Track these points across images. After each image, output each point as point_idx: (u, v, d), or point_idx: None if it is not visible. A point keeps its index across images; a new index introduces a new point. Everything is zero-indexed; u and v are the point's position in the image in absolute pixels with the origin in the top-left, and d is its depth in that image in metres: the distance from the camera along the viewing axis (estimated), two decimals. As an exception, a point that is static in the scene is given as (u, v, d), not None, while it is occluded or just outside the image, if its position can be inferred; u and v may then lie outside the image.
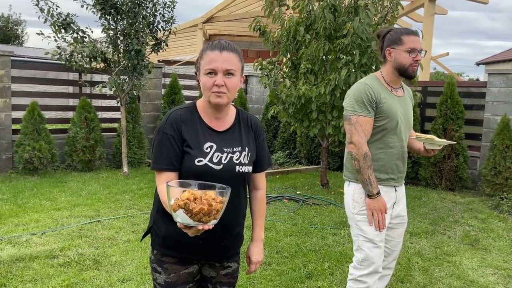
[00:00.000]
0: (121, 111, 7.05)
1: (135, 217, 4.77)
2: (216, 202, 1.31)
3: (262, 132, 1.80)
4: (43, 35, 6.12)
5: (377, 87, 2.32)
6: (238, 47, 1.64)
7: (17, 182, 6.19)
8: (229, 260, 1.78)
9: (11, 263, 3.42)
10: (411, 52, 2.24)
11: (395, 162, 2.34)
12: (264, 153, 1.81)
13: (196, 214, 1.29)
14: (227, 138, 1.68)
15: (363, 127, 2.26)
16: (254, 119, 1.80)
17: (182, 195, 1.30)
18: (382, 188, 2.32)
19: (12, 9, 51.11)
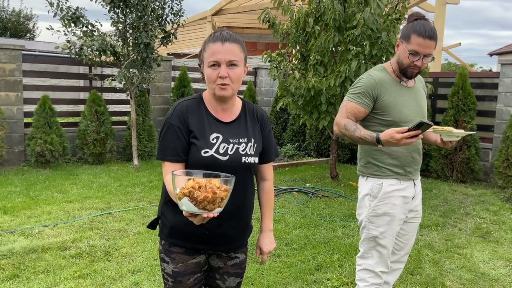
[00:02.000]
0: (131, 104, 7.09)
1: (145, 209, 4.81)
2: (220, 190, 1.32)
3: (268, 124, 1.79)
4: (53, 30, 6.15)
5: (382, 79, 2.27)
6: (240, 38, 1.63)
7: (30, 175, 6.28)
8: (236, 251, 1.77)
9: (24, 254, 3.47)
10: (412, 54, 2.17)
11: (411, 155, 2.29)
12: (271, 144, 1.80)
13: (200, 202, 1.30)
14: (233, 129, 1.67)
15: (349, 111, 2.25)
16: (260, 110, 1.79)
17: (187, 184, 1.31)
18: (401, 183, 2.28)
19: (23, 3, 51.38)
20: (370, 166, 2.32)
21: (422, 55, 2.17)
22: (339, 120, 2.27)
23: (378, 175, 2.29)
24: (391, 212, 2.27)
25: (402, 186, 2.29)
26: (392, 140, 1.99)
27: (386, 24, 5.40)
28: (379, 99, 2.25)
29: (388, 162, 2.27)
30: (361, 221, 2.38)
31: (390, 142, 2.01)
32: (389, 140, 2.01)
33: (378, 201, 2.27)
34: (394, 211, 2.27)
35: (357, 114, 2.25)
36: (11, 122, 6.86)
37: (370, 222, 2.31)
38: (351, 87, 2.33)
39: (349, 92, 2.31)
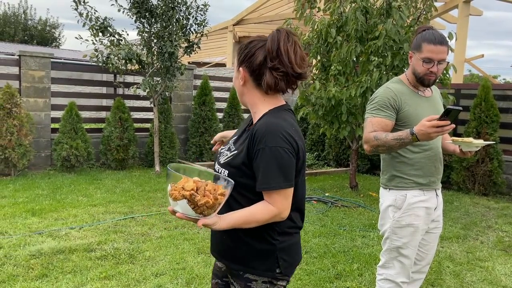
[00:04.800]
0: (154, 111, 7.25)
1: (167, 214, 4.90)
2: (219, 195, 1.28)
3: (258, 143, 1.43)
4: (82, 39, 6.37)
5: (401, 90, 2.30)
6: (247, 41, 1.55)
7: (56, 178, 6.46)
8: (233, 278, 1.57)
9: (52, 255, 3.59)
10: (426, 62, 2.20)
11: (434, 164, 2.31)
12: (256, 169, 1.43)
13: (200, 206, 1.25)
14: (242, 137, 1.58)
15: (375, 126, 2.24)
16: (258, 125, 1.47)
17: (187, 185, 1.25)
18: (425, 194, 2.30)
19: (50, 12, 53.01)
20: (393, 178, 2.33)
21: (436, 61, 2.20)
22: (367, 136, 2.25)
23: (402, 186, 2.31)
24: (415, 223, 2.29)
25: (425, 197, 2.31)
26: (423, 128, 1.96)
27: (408, 35, 5.42)
28: (401, 110, 2.28)
29: (411, 173, 2.29)
30: (383, 231, 2.40)
31: (422, 131, 1.98)
32: (421, 129, 1.98)
33: (402, 213, 2.29)
34: (417, 222, 2.29)
35: (385, 128, 2.24)
36: (38, 128, 7.09)
37: (394, 233, 2.33)
38: (370, 103, 2.32)
39: (370, 109, 2.31)
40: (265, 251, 1.51)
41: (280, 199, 1.43)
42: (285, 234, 1.53)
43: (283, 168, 1.42)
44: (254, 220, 1.43)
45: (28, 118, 6.63)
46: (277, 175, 1.41)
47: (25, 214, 4.64)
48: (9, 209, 4.79)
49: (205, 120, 8.30)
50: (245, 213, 1.43)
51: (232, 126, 8.75)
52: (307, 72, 1.53)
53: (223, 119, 8.82)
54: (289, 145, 1.43)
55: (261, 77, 1.50)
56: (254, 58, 1.50)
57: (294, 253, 1.56)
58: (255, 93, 1.55)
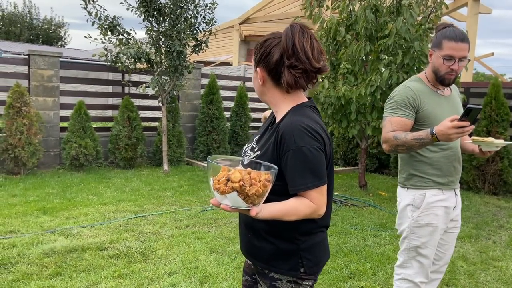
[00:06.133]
0: (162, 110, 7.25)
1: (177, 213, 4.90)
2: (267, 182, 1.24)
3: (286, 145, 1.39)
4: (91, 38, 6.38)
5: (420, 89, 2.27)
6: (262, 40, 1.53)
7: (65, 177, 6.48)
8: (260, 277, 1.57)
9: (65, 253, 3.60)
10: (446, 59, 2.17)
11: (453, 164, 2.29)
12: (289, 172, 1.40)
13: (250, 196, 1.21)
14: (265, 136, 1.56)
15: (394, 126, 2.22)
16: (283, 126, 1.43)
17: (234, 176, 1.21)
18: (444, 193, 2.28)
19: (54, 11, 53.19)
20: (412, 177, 2.31)
21: (457, 59, 2.17)
22: (386, 135, 2.22)
23: (420, 185, 2.29)
24: (434, 223, 2.27)
25: (444, 196, 2.29)
26: (444, 128, 1.94)
27: (418, 33, 5.39)
28: (420, 109, 2.25)
29: (430, 173, 2.27)
30: (401, 231, 2.38)
31: (442, 132, 1.96)
32: (441, 130, 1.96)
33: (421, 212, 2.27)
34: (436, 222, 2.27)
35: (404, 127, 2.22)
36: (47, 127, 7.11)
37: (412, 232, 2.31)
38: (389, 102, 2.30)
39: (389, 108, 2.29)
40: (288, 251, 1.50)
41: (317, 196, 1.41)
42: (308, 234, 1.51)
43: (316, 166, 1.40)
44: (295, 213, 1.39)
45: (37, 117, 6.65)
46: (311, 175, 1.39)
47: (37, 212, 4.65)
48: (21, 207, 4.80)
49: (212, 119, 8.30)
50: (287, 205, 1.40)
51: (240, 125, 8.74)
52: (326, 65, 1.50)
53: (231, 118, 8.82)
54: (317, 142, 1.41)
55: (280, 76, 1.47)
56: (270, 57, 1.47)
57: (319, 252, 1.55)
58: (275, 92, 1.53)
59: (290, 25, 1.48)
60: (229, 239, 4.13)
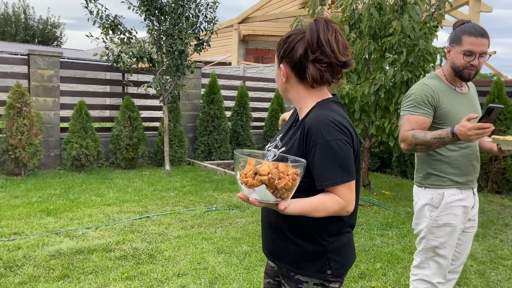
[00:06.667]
0: (164, 110, 7.20)
1: (182, 213, 4.86)
2: (296, 176, 1.21)
3: (313, 139, 1.37)
4: (92, 37, 6.32)
5: (438, 87, 2.24)
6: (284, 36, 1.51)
7: (66, 178, 6.42)
8: (284, 279, 1.54)
9: (71, 255, 3.55)
10: (466, 55, 2.14)
11: (472, 163, 2.26)
12: (316, 167, 1.37)
13: (279, 190, 1.18)
14: (290, 133, 1.54)
15: (413, 124, 2.18)
16: (310, 121, 1.41)
17: (262, 169, 1.18)
18: (462, 193, 2.24)
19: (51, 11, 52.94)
20: (429, 176, 2.28)
21: (478, 54, 2.14)
22: (404, 134, 2.19)
23: (439, 185, 2.25)
24: (453, 223, 2.24)
25: (463, 196, 2.26)
26: (464, 129, 1.92)
27: (423, 31, 5.37)
28: (439, 107, 2.22)
29: (449, 172, 2.24)
30: (419, 231, 2.34)
31: (462, 132, 1.94)
32: (461, 130, 1.94)
33: (440, 212, 2.23)
34: (455, 222, 2.24)
35: (423, 125, 2.19)
36: (48, 127, 7.04)
37: (430, 232, 2.27)
38: (406, 100, 2.26)
39: (406, 106, 2.25)
40: (315, 252, 1.46)
41: (346, 192, 1.37)
42: (336, 235, 1.48)
43: (344, 161, 1.37)
44: (323, 208, 1.35)
45: (38, 117, 6.59)
46: (340, 169, 1.36)
47: (40, 214, 4.60)
48: (24, 209, 4.74)
49: (213, 118, 8.25)
50: (315, 201, 1.35)
51: (241, 125, 8.70)
52: (351, 59, 1.48)
53: (232, 117, 8.77)
54: (345, 136, 1.38)
55: (304, 71, 1.44)
56: (294, 52, 1.45)
57: (346, 254, 1.52)
58: (300, 88, 1.50)
59: (314, 20, 1.46)
60: (236, 239, 4.09)
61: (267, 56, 15.78)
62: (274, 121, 9.10)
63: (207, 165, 7.66)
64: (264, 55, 15.80)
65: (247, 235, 4.20)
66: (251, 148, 8.81)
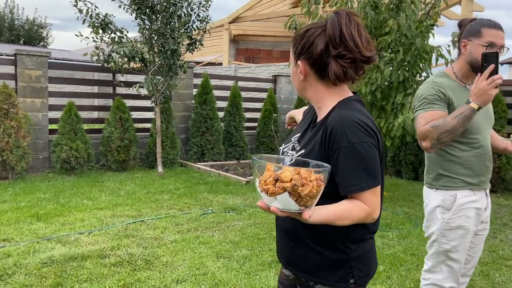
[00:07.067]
0: (156, 111, 7.06)
1: (177, 217, 4.73)
2: (320, 182, 1.11)
3: (338, 141, 1.27)
4: (82, 36, 6.14)
5: (448, 85, 2.16)
6: (301, 31, 1.40)
7: (56, 181, 6.24)
8: (302, 286, 1.45)
9: (64, 262, 3.41)
10: (489, 47, 2.06)
11: (484, 163, 2.18)
12: (340, 171, 1.26)
13: (303, 197, 1.08)
14: (308, 134, 1.44)
15: (428, 120, 2.09)
16: (332, 120, 1.31)
17: (284, 175, 1.07)
18: (476, 194, 2.16)
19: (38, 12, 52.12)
20: (441, 178, 2.19)
21: (499, 46, 2.07)
22: (422, 130, 2.09)
23: (451, 186, 2.17)
24: (465, 225, 2.16)
25: (476, 197, 2.18)
26: (477, 90, 1.93)
27: (420, 30, 5.32)
28: (450, 104, 2.14)
29: (461, 173, 2.16)
30: (430, 234, 2.26)
31: (478, 93, 1.94)
32: (475, 92, 1.94)
33: (452, 214, 2.15)
34: (468, 224, 2.16)
35: (439, 119, 2.09)
36: (36, 129, 6.85)
37: (443, 235, 2.19)
38: (418, 100, 2.17)
39: (419, 105, 2.16)
40: (337, 261, 1.37)
41: (371, 198, 1.28)
42: (359, 241, 1.38)
43: (370, 165, 1.27)
44: (348, 216, 1.26)
45: (26, 119, 6.40)
46: (366, 174, 1.26)
47: (30, 219, 4.43)
48: (12, 214, 4.57)
49: (206, 119, 8.13)
50: (340, 208, 1.25)
51: (234, 126, 8.59)
52: (375, 54, 1.39)
53: (224, 118, 8.66)
54: (371, 138, 1.29)
55: (325, 68, 1.34)
56: (314, 47, 1.34)
57: (369, 261, 1.42)
58: (319, 86, 1.40)
59: (335, 12, 1.35)
60: (234, 243, 3.98)
61: (257, 56, 15.69)
62: (267, 122, 9.01)
63: (200, 167, 7.54)
64: (254, 55, 15.71)
65: (245, 239, 4.10)
66: (244, 149, 8.71)
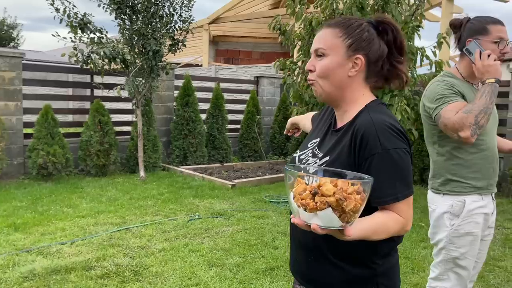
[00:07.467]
0: (137, 113, 6.85)
1: (163, 223, 4.57)
2: (364, 195, 0.99)
3: (372, 145, 1.18)
4: (59, 36, 5.89)
5: (457, 84, 2.09)
6: (350, 19, 1.29)
7: (32, 188, 5.96)
8: None
9: (47, 275, 3.21)
10: (499, 43, 2.02)
11: (492, 165, 2.13)
12: (375, 178, 1.06)
13: (347, 212, 0.97)
14: (330, 140, 1.35)
15: (455, 110, 1.95)
16: (363, 125, 1.22)
17: (327, 188, 0.95)
18: (483, 199, 2.10)
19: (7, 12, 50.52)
20: (449, 183, 2.12)
21: (507, 41, 2.04)
22: (456, 118, 1.91)
23: (460, 191, 2.10)
24: (474, 231, 2.09)
25: (484, 202, 2.12)
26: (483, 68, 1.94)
27: (406, 31, 5.31)
28: (464, 98, 2.07)
29: (470, 177, 2.09)
30: (437, 241, 2.18)
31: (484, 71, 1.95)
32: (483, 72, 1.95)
33: (462, 220, 2.08)
34: (477, 230, 2.10)
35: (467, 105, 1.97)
36: (10, 133, 6.54)
37: (451, 242, 2.12)
38: (435, 98, 2.04)
39: (438, 101, 2.02)
40: (363, 277, 1.27)
41: (405, 208, 1.19)
42: (386, 256, 1.29)
43: (405, 173, 1.19)
44: (384, 230, 1.16)
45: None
46: (401, 183, 1.18)
47: (7, 229, 4.18)
48: (-13, 224, 4.32)
49: (188, 121, 7.95)
50: (375, 222, 1.14)
51: (217, 128, 8.44)
52: None
53: (207, 120, 8.49)
54: (405, 143, 1.20)
55: (378, 70, 1.30)
56: (374, 46, 1.27)
57: (395, 276, 1.33)
58: (361, 88, 1.32)
59: (386, 17, 1.31)
60: (225, 250, 3.85)
61: (237, 57, 15.56)
62: (250, 124, 8.89)
63: (183, 171, 7.36)
64: (234, 56, 15.58)
65: (237, 245, 3.97)
66: (228, 152, 8.57)
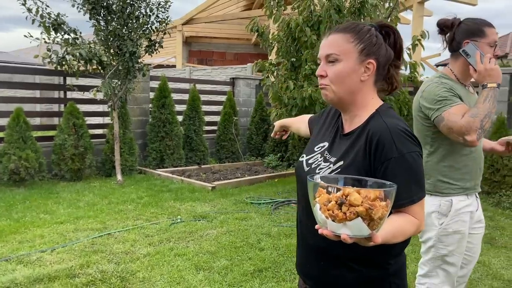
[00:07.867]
0: (114, 116, 6.71)
1: (146, 228, 4.50)
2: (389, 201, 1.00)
3: (388, 150, 1.20)
4: (32, 37, 5.70)
5: (453, 86, 2.12)
6: (359, 25, 1.33)
7: (4, 194, 5.74)
8: None
9: (29, 285, 3.10)
10: (494, 46, 2.07)
11: (479, 166, 2.21)
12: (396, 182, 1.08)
13: (376, 220, 0.98)
14: (340, 144, 1.36)
15: (460, 113, 1.96)
16: (377, 129, 1.24)
17: (354, 198, 0.96)
18: (469, 198, 2.18)
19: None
20: (439, 184, 2.18)
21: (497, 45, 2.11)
22: (463, 122, 1.92)
23: (448, 192, 2.17)
24: (462, 230, 2.17)
25: (469, 201, 2.19)
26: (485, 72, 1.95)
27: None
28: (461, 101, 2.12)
29: (458, 178, 2.16)
30: (426, 239, 2.24)
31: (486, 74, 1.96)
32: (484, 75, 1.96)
33: (450, 219, 2.15)
34: (464, 228, 2.17)
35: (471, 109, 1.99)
36: (-21, 137, 6.28)
37: (440, 241, 2.18)
38: (435, 101, 2.04)
39: (439, 105, 2.03)
40: (377, 278, 1.30)
41: (419, 210, 1.23)
42: (397, 255, 1.33)
43: (419, 176, 1.23)
44: (402, 233, 1.18)
45: (-32, 127, 5.84)
46: (416, 186, 1.22)
47: (-18, 238, 4.02)
48: (-40, 233, 4.13)
49: (165, 123, 7.86)
50: (393, 225, 1.15)
51: (194, 130, 8.37)
52: None
53: (184, 122, 8.41)
54: (418, 147, 1.25)
55: (385, 75, 1.35)
56: (383, 50, 1.32)
57: (404, 275, 1.37)
58: (371, 92, 1.35)
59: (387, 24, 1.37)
60: (212, 253, 3.83)
61: (211, 58, 15.49)
62: (227, 125, 8.87)
63: (161, 173, 7.26)
64: (207, 57, 15.50)
65: (222, 248, 3.95)
66: (205, 154, 8.51)
